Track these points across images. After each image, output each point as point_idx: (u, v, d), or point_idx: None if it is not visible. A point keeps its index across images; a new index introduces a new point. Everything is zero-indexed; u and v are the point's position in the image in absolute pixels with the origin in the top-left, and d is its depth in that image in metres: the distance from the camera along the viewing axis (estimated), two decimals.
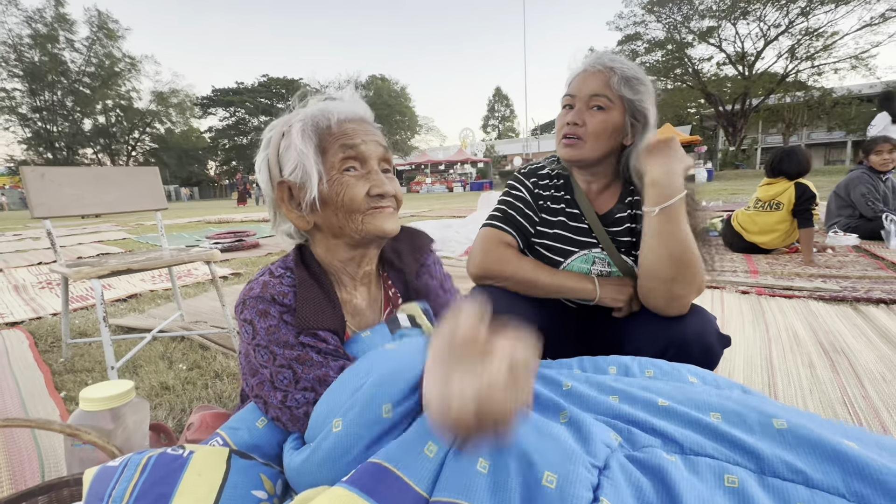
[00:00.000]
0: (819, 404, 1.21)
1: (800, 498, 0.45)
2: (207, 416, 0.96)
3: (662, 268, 0.92)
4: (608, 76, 0.99)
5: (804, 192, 2.98)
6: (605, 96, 0.99)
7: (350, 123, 0.71)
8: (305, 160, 0.69)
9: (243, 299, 0.70)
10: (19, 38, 34.29)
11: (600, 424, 0.57)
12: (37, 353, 1.80)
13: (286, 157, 0.71)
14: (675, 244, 0.90)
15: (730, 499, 0.46)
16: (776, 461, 0.49)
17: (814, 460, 0.49)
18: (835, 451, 0.48)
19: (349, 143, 0.69)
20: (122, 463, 0.54)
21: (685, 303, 0.96)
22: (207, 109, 43.81)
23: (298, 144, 0.69)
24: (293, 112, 0.75)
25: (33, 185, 1.62)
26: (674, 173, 0.90)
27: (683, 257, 0.90)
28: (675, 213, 0.90)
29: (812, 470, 0.48)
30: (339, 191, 0.69)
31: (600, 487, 0.48)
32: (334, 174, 0.69)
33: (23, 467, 1.03)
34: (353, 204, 0.69)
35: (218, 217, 10.66)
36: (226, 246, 4.66)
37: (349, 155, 0.69)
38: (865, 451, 0.48)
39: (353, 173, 0.70)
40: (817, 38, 22.87)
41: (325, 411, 0.60)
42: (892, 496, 0.43)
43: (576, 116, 1.01)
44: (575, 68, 1.06)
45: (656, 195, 0.90)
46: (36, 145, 37.13)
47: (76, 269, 1.45)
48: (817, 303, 2.10)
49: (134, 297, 2.79)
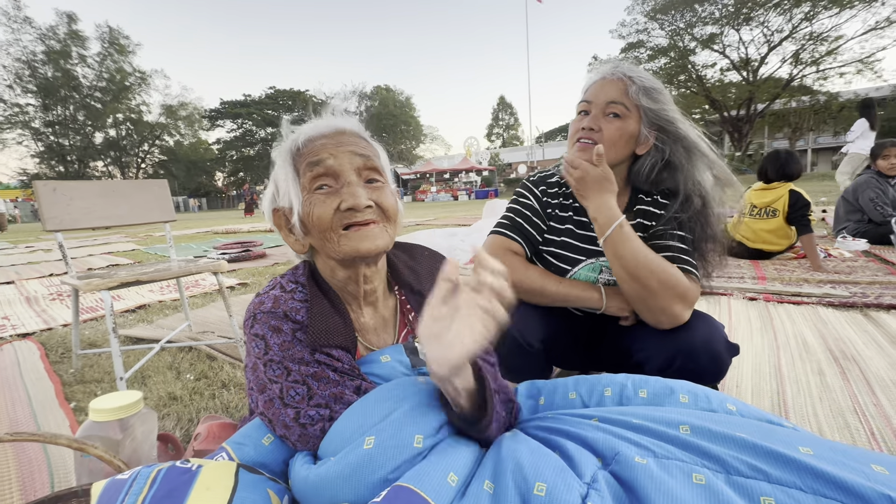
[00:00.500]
0: (829, 412, 1.19)
1: (762, 491, 0.51)
2: (214, 427, 0.97)
3: (630, 288, 0.97)
4: (626, 85, 1.00)
5: (797, 200, 2.96)
6: (622, 104, 1.00)
7: (321, 140, 0.69)
8: (286, 185, 0.69)
9: (253, 313, 0.69)
10: (33, 54, 35.17)
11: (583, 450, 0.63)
12: (47, 364, 1.83)
13: (277, 184, 0.72)
14: (628, 265, 0.95)
15: (699, 494, 0.51)
16: (738, 463, 0.55)
17: (772, 462, 0.54)
18: (791, 458, 0.54)
19: (314, 160, 0.67)
20: (131, 476, 0.55)
21: (671, 313, 0.96)
22: (215, 121, 44.44)
23: (279, 170, 0.70)
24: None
25: (46, 199, 1.66)
26: (605, 206, 0.97)
27: (640, 273, 0.94)
28: (619, 238, 0.96)
29: (771, 469, 0.53)
30: (309, 211, 0.67)
31: (588, 497, 0.53)
32: (306, 195, 0.68)
33: (32, 478, 1.04)
34: (321, 223, 0.67)
35: (225, 227, 10.76)
36: (233, 256, 4.70)
37: (317, 173, 0.67)
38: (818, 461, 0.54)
39: (324, 191, 0.67)
40: (822, 43, 22.80)
41: (354, 428, 0.61)
42: (843, 490, 0.49)
43: (592, 122, 1.02)
44: (592, 76, 1.07)
45: (601, 226, 0.98)
46: (48, 159, 37.83)
47: (87, 281, 1.47)
48: (826, 309, 2.08)
49: (143, 308, 2.82)
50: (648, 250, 0.96)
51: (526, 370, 1.09)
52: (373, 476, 0.56)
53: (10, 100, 34.63)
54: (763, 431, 0.61)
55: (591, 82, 1.06)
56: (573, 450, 0.62)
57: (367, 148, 0.72)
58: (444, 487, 0.54)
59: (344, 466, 0.57)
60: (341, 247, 0.67)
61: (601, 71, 1.05)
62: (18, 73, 34.77)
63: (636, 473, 0.56)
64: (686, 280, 0.96)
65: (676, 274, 0.96)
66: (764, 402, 1.27)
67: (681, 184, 1.03)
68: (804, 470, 0.52)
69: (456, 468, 0.57)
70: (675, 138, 1.02)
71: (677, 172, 1.03)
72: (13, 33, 34.04)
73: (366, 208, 0.67)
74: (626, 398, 0.81)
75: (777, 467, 0.54)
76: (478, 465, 0.62)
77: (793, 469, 0.53)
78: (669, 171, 1.04)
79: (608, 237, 0.97)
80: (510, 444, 0.63)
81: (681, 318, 0.97)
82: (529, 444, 0.63)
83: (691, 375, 0.97)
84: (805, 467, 0.52)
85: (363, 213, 0.67)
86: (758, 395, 1.31)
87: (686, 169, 1.02)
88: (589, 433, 0.66)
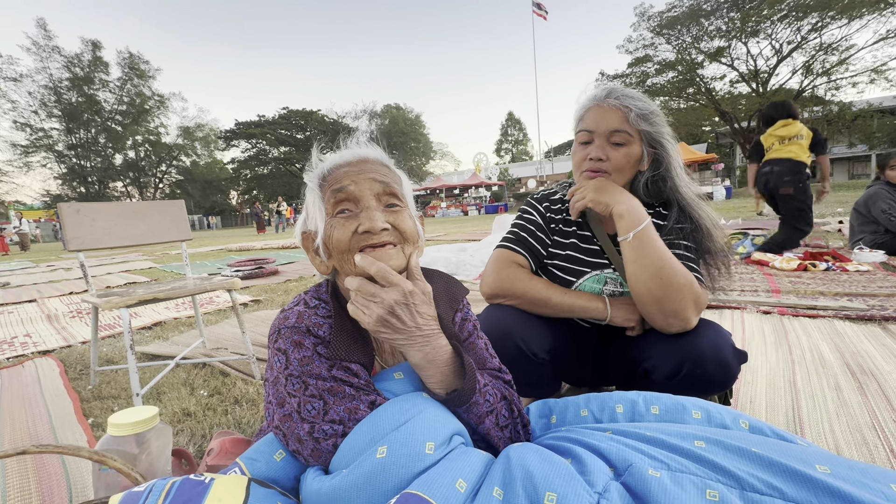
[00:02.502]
0: (847, 428, 1.17)
1: None
2: (227, 442, 0.99)
3: (649, 288, 0.97)
4: (626, 113, 1.03)
5: (816, 131, 3.76)
6: (625, 132, 1.04)
7: (345, 167, 0.74)
8: (313, 210, 0.74)
9: (278, 328, 0.71)
10: (59, 81, 36.76)
11: (595, 458, 0.63)
12: (66, 381, 1.87)
13: (307, 209, 0.77)
14: (654, 263, 0.96)
15: None
16: (753, 479, 0.53)
17: (788, 479, 0.53)
18: (808, 476, 0.53)
19: (337, 186, 0.71)
20: (147, 488, 0.57)
21: (684, 317, 0.98)
22: (230, 142, 45.57)
23: (308, 196, 0.75)
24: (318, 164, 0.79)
25: (69, 220, 1.72)
26: (633, 205, 1.00)
27: (664, 274, 0.96)
28: (647, 236, 0.98)
29: (787, 486, 0.51)
30: (329, 234, 0.71)
31: None
32: (328, 219, 0.72)
33: (52, 492, 1.07)
34: (340, 245, 0.70)
35: (239, 245, 10.94)
36: (246, 273, 4.77)
37: (339, 198, 0.71)
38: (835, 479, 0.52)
39: (344, 215, 0.71)
40: (832, 53, 22.68)
41: (366, 439, 0.62)
42: None
43: (599, 152, 1.05)
44: (584, 103, 1.09)
45: (629, 223, 0.99)
46: (70, 180, 39.16)
47: (107, 299, 1.52)
48: (843, 322, 2.04)
49: (158, 325, 2.88)
50: (669, 251, 0.99)
51: (534, 382, 1.10)
52: (386, 484, 0.57)
53: (35, 125, 36.12)
54: (779, 448, 0.61)
55: (586, 109, 1.08)
56: (585, 456, 0.63)
57: (389, 175, 0.75)
58: (453, 494, 0.55)
59: (357, 476, 0.58)
60: (356, 268, 0.69)
61: (595, 97, 1.07)
62: (44, 99, 36.31)
63: (649, 486, 0.55)
64: (699, 285, 0.99)
65: (693, 277, 0.98)
66: (779, 418, 1.25)
67: (672, 193, 1.09)
68: (821, 488, 0.51)
69: (465, 475, 0.58)
70: (666, 153, 1.08)
71: (668, 183, 1.09)
72: (42, 61, 35.72)
73: (382, 231, 0.69)
74: (637, 415, 0.81)
75: (793, 485, 0.53)
76: (487, 472, 0.62)
77: (809, 487, 0.52)
78: (663, 182, 1.09)
79: (636, 234, 0.98)
80: (519, 451, 0.63)
81: (691, 323, 0.98)
82: (539, 451, 0.63)
83: (699, 382, 0.97)
84: (822, 486, 0.51)
85: (379, 236, 0.69)
86: (772, 411, 1.29)
87: (675, 180, 1.08)
88: (602, 444, 0.66)
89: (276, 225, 20.93)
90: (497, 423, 0.76)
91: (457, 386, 0.71)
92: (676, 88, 27.22)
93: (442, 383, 0.71)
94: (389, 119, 45.95)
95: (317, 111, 45.16)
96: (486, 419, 0.74)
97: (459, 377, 0.72)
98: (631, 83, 27.96)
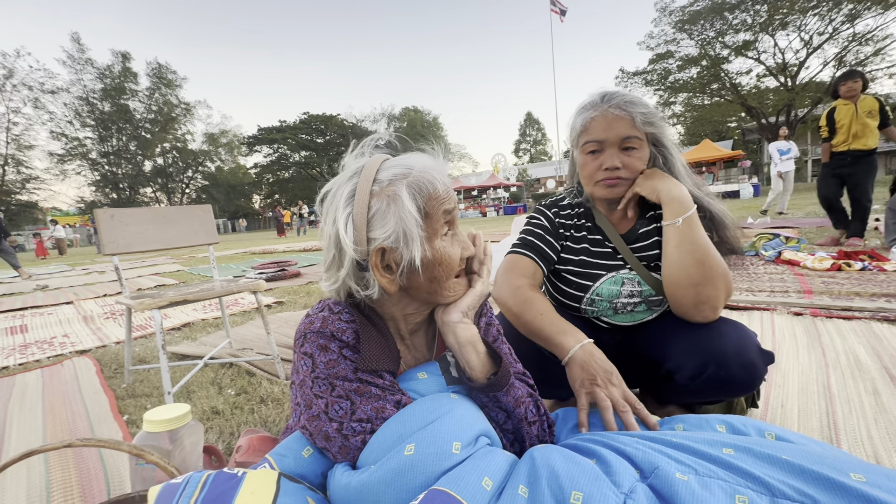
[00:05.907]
0: (886, 435, 1.12)
1: None
2: (255, 440, 1.02)
3: (690, 274, 0.98)
4: (633, 118, 1.03)
5: (882, 104, 3.83)
6: (635, 137, 1.04)
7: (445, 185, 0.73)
8: (408, 225, 0.67)
9: (304, 333, 0.73)
10: (93, 92, 38.43)
11: (621, 459, 0.63)
12: (102, 379, 1.96)
13: (380, 219, 0.67)
14: (699, 249, 0.98)
15: None
16: (784, 487, 0.53)
17: (821, 487, 0.52)
18: (842, 484, 0.52)
19: (449, 207, 0.71)
20: (184, 480, 0.59)
21: (715, 305, 0.99)
22: (253, 147, 46.68)
23: (404, 210, 0.66)
24: (365, 166, 0.71)
25: (105, 225, 1.80)
26: (684, 190, 1.02)
27: (707, 260, 0.98)
28: (695, 222, 1.00)
29: (820, 494, 0.50)
30: (442, 254, 0.71)
31: None
32: (436, 239, 0.70)
33: (91, 485, 1.12)
34: (451, 265, 0.72)
35: (262, 248, 11.19)
36: (269, 276, 4.89)
37: (448, 220, 0.72)
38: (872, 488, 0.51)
39: (448, 235, 0.73)
40: (867, 44, 21.72)
41: (394, 436, 0.64)
42: None
43: (614, 160, 1.05)
44: (589, 113, 1.07)
45: (678, 208, 1.01)
46: (103, 187, 40.82)
47: (140, 301, 1.58)
48: (881, 324, 1.95)
49: (187, 326, 2.98)
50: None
51: (556, 384, 1.09)
52: (414, 481, 0.58)
53: (70, 134, 37.82)
54: (810, 456, 0.59)
55: (589, 119, 1.06)
56: (611, 458, 0.63)
57: None
58: (479, 491, 0.56)
59: (386, 472, 0.60)
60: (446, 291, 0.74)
61: (597, 108, 1.05)
62: (78, 109, 38.01)
63: (676, 489, 0.55)
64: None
65: (728, 268, 1.00)
66: (812, 423, 1.21)
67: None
68: (856, 497, 0.50)
69: (491, 473, 0.59)
70: (668, 151, 1.10)
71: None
72: (76, 73, 37.42)
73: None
74: (662, 424, 0.82)
75: (826, 493, 0.51)
76: (512, 471, 0.63)
77: (843, 496, 0.50)
78: None
79: (685, 219, 0.99)
80: (544, 452, 0.64)
81: (718, 312, 1.01)
82: (564, 452, 0.64)
83: (723, 384, 0.96)
84: (857, 494, 0.50)
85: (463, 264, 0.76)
86: (805, 416, 1.25)
87: (679, 176, 1.09)
88: (627, 447, 0.66)
89: (297, 228, 21.33)
90: (526, 417, 0.78)
91: (494, 370, 0.76)
92: (700, 84, 26.55)
93: (483, 366, 0.75)
94: (408, 122, 46.25)
95: (336, 115, 45.84)
96: (521, 405, 0.77)
97: (494, 363, 0.77)
98: (652, 80, 27.42)
